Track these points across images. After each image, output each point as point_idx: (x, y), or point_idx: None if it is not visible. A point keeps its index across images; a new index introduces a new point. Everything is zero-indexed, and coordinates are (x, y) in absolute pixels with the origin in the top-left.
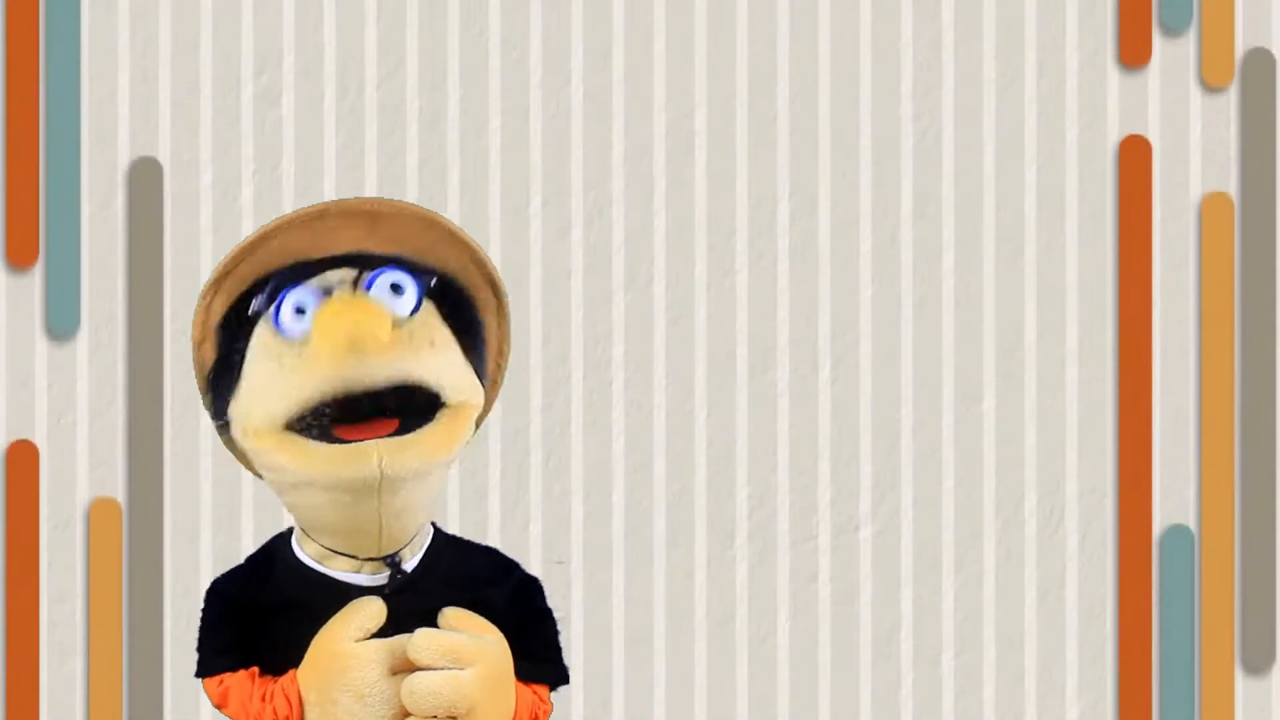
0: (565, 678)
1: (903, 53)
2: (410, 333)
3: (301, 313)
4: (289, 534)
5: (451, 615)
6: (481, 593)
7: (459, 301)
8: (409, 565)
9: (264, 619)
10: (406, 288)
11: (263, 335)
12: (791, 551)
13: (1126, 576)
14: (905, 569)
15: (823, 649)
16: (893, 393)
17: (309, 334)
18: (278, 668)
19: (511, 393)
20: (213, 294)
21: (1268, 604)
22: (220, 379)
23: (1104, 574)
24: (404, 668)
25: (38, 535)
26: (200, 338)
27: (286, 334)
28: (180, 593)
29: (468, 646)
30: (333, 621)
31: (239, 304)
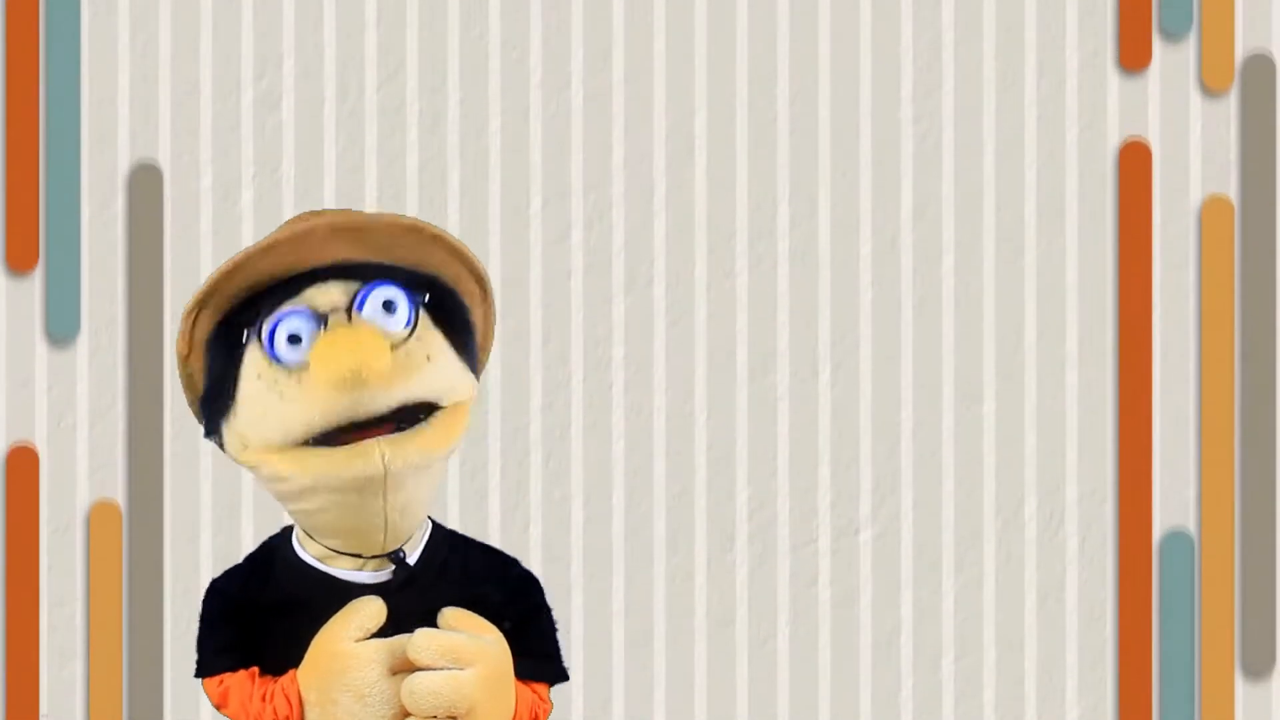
0: (564, 675)
1: (903, 55)
2: (407, 352)
3: (296, 340)
4: (288, 532)
5: (451, 615)
6: (479, 588)
7: (450, 304)
8: (411, 559)
9: (264, 618)
10: (398, 303)
11: (257, 361)
12: (791, 554)
13: (1126, 580)
14: (905, 572)
15: (823, 652)
16: (893, 395)
17: (306, 364)
18: (278, 667)
19: (512, 394)
20: (197, 312)
21: (1268, 607)
22: (213, 399)
23: (1104, 577)
24: (404, 668)
25: (38, 538)
26: (186, 351)
27: (282, 362)
28: (180, 596)
29: (468, 646)
30: (333, 621)
31: (226, 321)
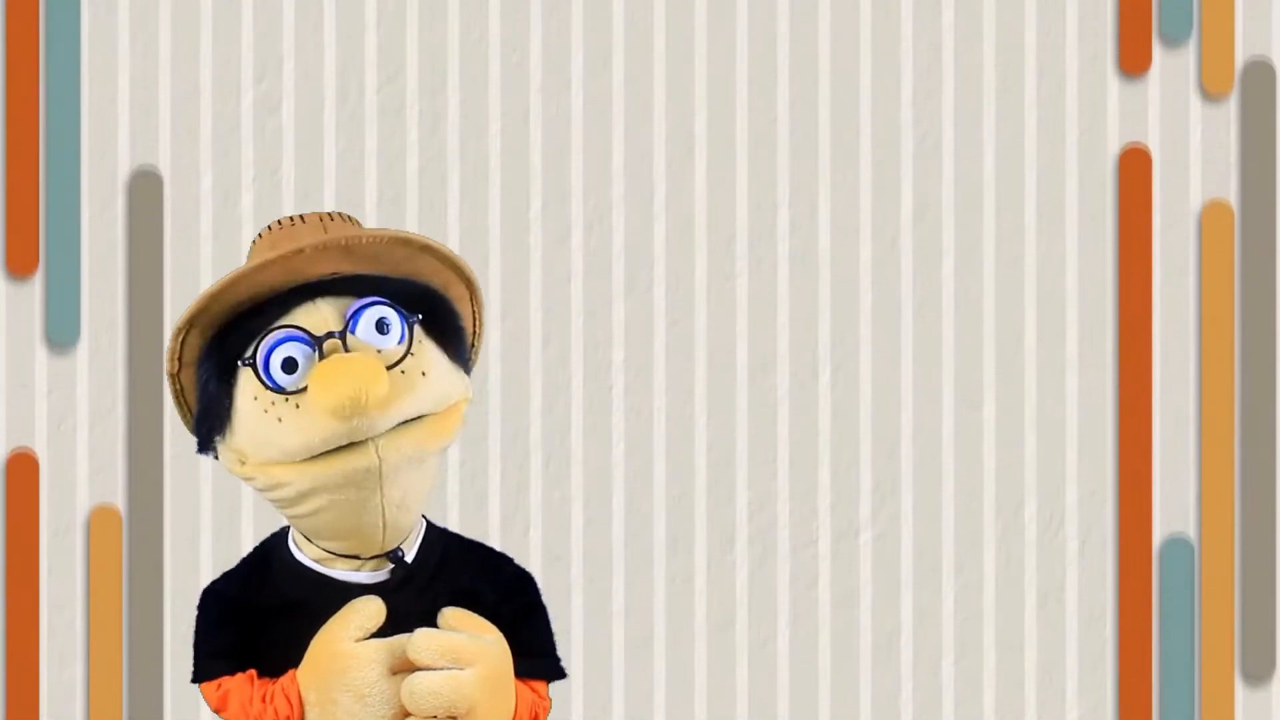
0: (561, 672)
1: (903, 58)
2: (404, 372)
3: (292, 365)
4: (284, 534)
5: (451, 615)
6: (475, 585)
7: (442, 313)
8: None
9: (263, 620)
10: (391, 322)
11: (254, 385)
12: (791, 556)
13: (1126, 582)
14: (905, 574)
15: (823, 654)
16: (893, 398)
17: (304, 391)
18: (277, 668)
19: (512, 397)
20: (185, 331)
21: (1268, 612)
22: (207, 419)
23: (1104, 580)
24: (404, 668)
25: (38, 543)
26: (175, 369)
27: (278, 387)
28: (180, 600)
29: (467, 646)
30: (332, 621)
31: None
